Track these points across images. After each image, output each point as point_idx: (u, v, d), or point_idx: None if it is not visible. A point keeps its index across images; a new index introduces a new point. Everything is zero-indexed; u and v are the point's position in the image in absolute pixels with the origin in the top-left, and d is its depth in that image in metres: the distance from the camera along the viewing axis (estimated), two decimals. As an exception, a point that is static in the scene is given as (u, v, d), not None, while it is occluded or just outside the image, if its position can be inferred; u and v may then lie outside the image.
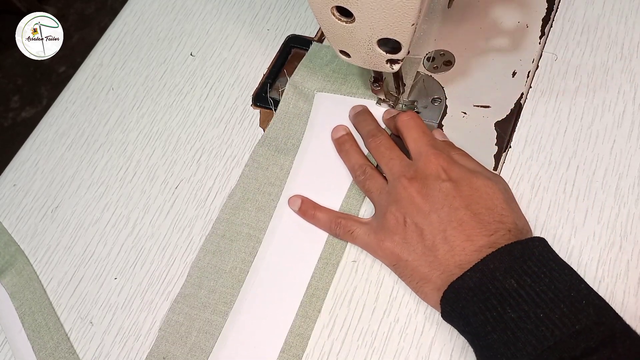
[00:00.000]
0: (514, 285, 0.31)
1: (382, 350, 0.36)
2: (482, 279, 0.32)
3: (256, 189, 0.43)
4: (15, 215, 0.47)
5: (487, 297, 0.31)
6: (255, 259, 0.40)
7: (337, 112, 0.45)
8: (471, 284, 0.32)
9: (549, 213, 0.39)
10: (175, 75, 0.51)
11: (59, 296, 0.43)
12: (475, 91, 0.44)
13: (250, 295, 0.39)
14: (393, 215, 0.37)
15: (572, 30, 0.45)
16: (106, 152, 0.49)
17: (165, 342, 0.39)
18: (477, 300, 0.32)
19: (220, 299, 0.39)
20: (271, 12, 0.53)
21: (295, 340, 0.37)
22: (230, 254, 0.40)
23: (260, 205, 0.42)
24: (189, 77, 0.51)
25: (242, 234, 0.41)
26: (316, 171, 0.43)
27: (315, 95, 0.46)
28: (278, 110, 0.46)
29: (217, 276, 0.40)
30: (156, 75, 0.52)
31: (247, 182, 0.43)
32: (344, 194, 0.42)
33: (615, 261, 0.36)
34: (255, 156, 0.44)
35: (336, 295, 0.39)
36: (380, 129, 0.42)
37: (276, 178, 0.43)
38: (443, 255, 0.34)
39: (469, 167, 0.37)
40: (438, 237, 0.35)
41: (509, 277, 0.31)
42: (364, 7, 0.32)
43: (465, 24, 0.47)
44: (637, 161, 0.39)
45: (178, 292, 0.40)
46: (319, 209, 0.41)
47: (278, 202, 0.42)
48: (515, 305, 0.31)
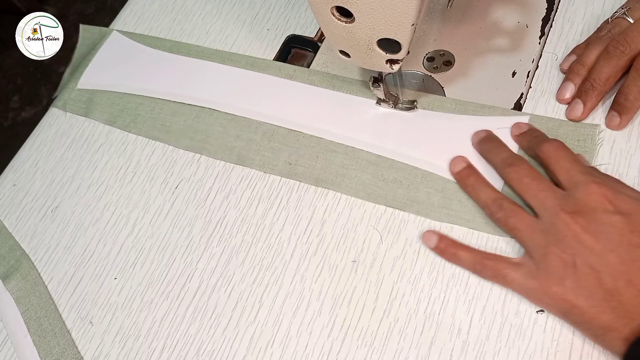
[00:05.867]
0: None
1: (382, 350, 0.36)
2: None
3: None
4: (15, 215, 0.47)
5: None
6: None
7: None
8: None
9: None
10: (175, 75, 0.51)
11: (59, 296, 0.43)
12: (475, 91, 0.44)
13: None
14: (558, 257, 0.33)
15: (572, 30, 0.45)
16: (106, 152, 0.49)
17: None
18: None
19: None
20: (271, 12, 0.53)
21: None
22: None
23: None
24: (189, 77, 0.51)
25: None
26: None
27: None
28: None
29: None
30: (156, 75, 0.52)
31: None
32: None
33: (615, 261, 0.36)
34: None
35: (336, 295, 0.39)
36: (517, 155, 0.38)
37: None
38: (629, 301, 0.31)
39: (633, 196, 0.33)
40: (621, 281, 0.31)
41: None
42: (364, 7, 0.32)
43: (465, 24, 0.47)
44: (637, 161, 0.39)
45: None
46: (460, 248, 0.37)
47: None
48: None
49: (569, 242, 0.33)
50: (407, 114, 0.43)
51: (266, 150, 0.45)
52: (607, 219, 0.32)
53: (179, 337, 0.40)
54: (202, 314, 0.40)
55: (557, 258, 0.33)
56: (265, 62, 0.49)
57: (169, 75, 0.51)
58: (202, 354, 0.39)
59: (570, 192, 0.34)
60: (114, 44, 0.54)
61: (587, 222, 0.32)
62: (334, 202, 0.42)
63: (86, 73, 0.53)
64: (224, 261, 0.42)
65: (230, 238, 0.42)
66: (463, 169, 0.39)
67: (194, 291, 0.41)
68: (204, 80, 0.49)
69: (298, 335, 0.38)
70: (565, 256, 0.33)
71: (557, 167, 0.36)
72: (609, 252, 0.32)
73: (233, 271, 0.41)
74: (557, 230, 0.33)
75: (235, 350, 0.38)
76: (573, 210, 0.33)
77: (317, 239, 0.41)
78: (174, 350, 0.39)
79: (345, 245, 0.40)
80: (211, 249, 0.42)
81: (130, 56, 0.53)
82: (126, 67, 0.52)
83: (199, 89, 0.49)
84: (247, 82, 0.48)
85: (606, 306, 0.31)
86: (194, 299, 0.41)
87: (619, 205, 0.32)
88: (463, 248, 0.37)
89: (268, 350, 0.38)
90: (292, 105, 0.46)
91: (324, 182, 0.43)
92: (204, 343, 0.39)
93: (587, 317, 0.32)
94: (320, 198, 0.42)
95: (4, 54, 1.60)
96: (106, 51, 0.54)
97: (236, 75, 0.49)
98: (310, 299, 0.39)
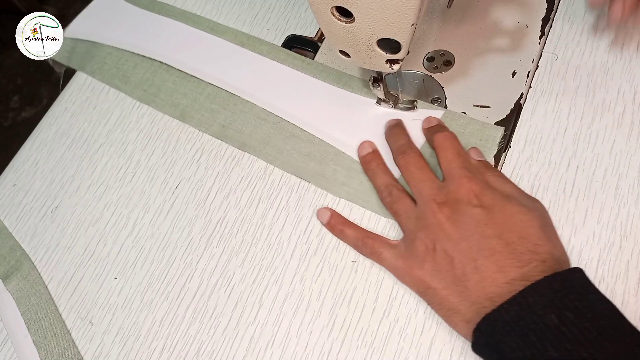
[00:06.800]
0: (555, 321, 0.29)
1: (382, 350, 0.36)
2: (519, 312, 0.30)
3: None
4: (15, 215, 0.47)
5: (526, 333, 0.30)
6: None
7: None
8: (508, 317, 0.31)
9: (549, 213, 0.38)
10: (175, 75, 0.51)
11: (59, 296, 0.43)
12: (475, 91, 0.44)
13: None
14: (422, 241, 0.36)
15: (572, 30, 0.45)
16: (106, 152, 0.49)
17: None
18: (514, 335, 0.30)
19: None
20: (271, 12, 0.53)
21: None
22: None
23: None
24: (189, 77, 0.51)
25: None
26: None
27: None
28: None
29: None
30: (156, 75, 0.52)
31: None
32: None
33: (615, 261, 0.36)
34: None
35: (336, 295, 0.39)
36: (412, 145, 0.41)
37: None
38: (473, 286, 0.33)
39: (505, 192, 0.36)
40: (469, 267, 0.34)
41: (549, 312, 0.30)
42: (364, 7, 0.32)
43: (465, 24, 0.47)
44: (637, 161, 0.39)
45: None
46: (347, 225, 0.40)
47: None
48: (557, 343, 0.29)
49: (432, 229, 0.36)
50: (337, 95, 0.46)
51: (206, 110, 0.48)
52: (469, 211, 0.35)
53: (179, 337, 0.40)
54: (202, 314, 0.40)
55: (421, 242, 0.36)
56: (223, 27, 0.52)
57: (139, 30, 0.54)
58: (202, 354, 0.39)
59: (446, 184, 0.37)
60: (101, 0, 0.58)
61: (451, 212, 0.35)
62: (334, 202, 0.42)
63: (72, 24, 0.57)
64: (224, 261, 0.42)
65: (230, 238, 0.42)
66: (368, 154, 0.42)
67: (194, 291, 0.41)
68: (166, 37, 0.53)
69: (298, 335, 0.38)
70: (428, 241, 0.36)
71: (442, 158, 0.38)
72: (463, 240, 0.34)
73: (233, 271, 0.41)
74: (425, 217, 0.36)
75: (235, 350, 0.38)
76: (443, 201, 0.36)
77: (317, 239, 0.41)
78: (174, 351, 0.39)
79: (345, 245, 0.40)
80: (211, 249, 0.42)
81: (113, 11, 0.56)
82: (106, 21, 0.56)
83: (160, 44, 0.52)
84: (204, 44, 0.51)
85: (455, 289, 0.34)
86: (194, 299, 0.41)
87: (483, 199, 0.35)
88: (350, 225, 0.40)
89: (268, 351, 0.38)
90: (237, 69, 0.49)
91: (247, 147, 0.45)
92: (204, 343, 0.39)
93: (439, 298, 0.35)
94: (320, 198, 0.42)
95: (4, 54, 1.60)
96: (94, 6, 0.58)
97: (195, 36, 0.52)
98: (310, 299, 0.39)
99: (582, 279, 0.32)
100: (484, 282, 0.33)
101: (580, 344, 0.28)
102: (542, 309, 0.30)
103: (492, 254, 0.33)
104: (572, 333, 0.29)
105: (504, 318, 0.31)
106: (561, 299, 0.30)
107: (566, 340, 0.29)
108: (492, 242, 0.34)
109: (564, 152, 0.40)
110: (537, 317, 0.30)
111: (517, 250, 0.33)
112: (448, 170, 0.37)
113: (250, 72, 0.49)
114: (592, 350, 0.28)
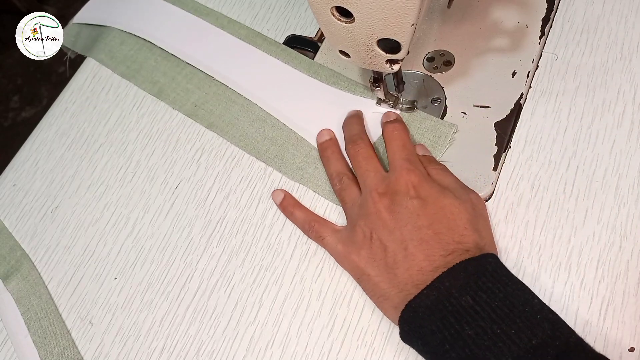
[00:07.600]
0: (470, 301, 0.31)
1: (382, 350, 0.36)
2: (438, 296, 0.32)
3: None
4: (15, 215, 0.47)
5: (444, 315, 0.31)
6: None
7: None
8: (428, 302, 0.32)
9: (549, 213, 0.38)
10: (175, 75, 0.51)
11: (58, 296, 0.43)
12: (475, 91, 0.44)
13: None
14: (361, 229, 0.37)
15: (572, 30, 0.45)
16: (106, 152, 0.49)
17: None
18: (434, 318, 0.32)
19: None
20: (271, 12, 0.53)
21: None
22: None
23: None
24: (188, 77, 0.51)
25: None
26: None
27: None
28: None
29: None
30: (156, 75, 0.52)
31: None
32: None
33: (615, 261, 0.36)
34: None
35: (336, 295, 0.39)
36: (363, 135, 0.42)
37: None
38: (402, 274, 0.34)
39: (443, 184, 0.37)
40: (399, 255, 0.35)
41: (465, 294, 0.31)
42: (364, 7, 0.32)
43: (465, 24, 0.47)
44: (637, 161, 0.39)
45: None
46: (298, 208, 0.41)
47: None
48: (472, 321, 0.30)
49: (372, 218, 0.37)
50: (304, 84, 0.46)
51: (182, 90, 0.49)
52: (406, 202, 0.36)
53: (179, 337, 0.40)
54: (202, 314, 0.40)
55: (361, 230, 0.37)
56: (207, 9, 0.53)
57: (129, 11, 0.55)
58: (202, 354, 0.39)
59: (389, 175, 0.38)
60: None
61: (390, 202, 0.36)
62: (334, 202, 0.42)
63: (80, 12, 0.59)
64: (224, 261, 0.42)
65: (230, 238, 0.42)
66: (325, 141, 0.43)
67: (193, 291, 0.41)
68: (152, 17, 0.54)
69: (298, 335, 0.38)
70: (366, 229, 0.37)
71: (389, 148, 0.40)
72: (398, 229, 0.36)
73: (233, 271, 0.41)
74: (366, 206, 0.37)
75: (235, 350, 0.38)
76: (383, 192, 0.37)
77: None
78: (174, 351, 0.39)
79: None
80: (211, 249, 0.42)
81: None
82: (106, 3, 0.58)
83: (147, 23, 0.54)
84: (187, 25, 0.53)
85: (386, 276, 0.35)
86: (193, 299, 0.41)
87: (420, 191, 0.36)
88: (300, 208, 0.41)
89: (268, 351, 0.38)
90: (216, 52, 0.50)
91: (215, 128, 0.47)
92: (204, 343, 0.39)
93: (372, 284, 0.36)
94: (320, 198, 0.42)
95: (4, 54, 1.60)
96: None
97: (180, 17, 0.53)
98: (310, 299, 0.39)
99: (495, 263, 0.34)
100: (411, 270, 0.34)
101: (493, 321, 0.30)
102: (458, 291, 0.32)
103: (421, 243, 0.35)
104: (486, 311, 0.31)
105: (424, 303, 0.32)
106: (475, 281, 0.32)
107: (480, 319, 0.30)
108: (423, 232, 0.35)
109: (564, 152, 0.40)
110: (454, 299, 0.32)
111: (444, 240, 0.34)
112: (392, 161, 0.39)
113: (228, 55, 0.50)
114: (503, 326, 0.30)
